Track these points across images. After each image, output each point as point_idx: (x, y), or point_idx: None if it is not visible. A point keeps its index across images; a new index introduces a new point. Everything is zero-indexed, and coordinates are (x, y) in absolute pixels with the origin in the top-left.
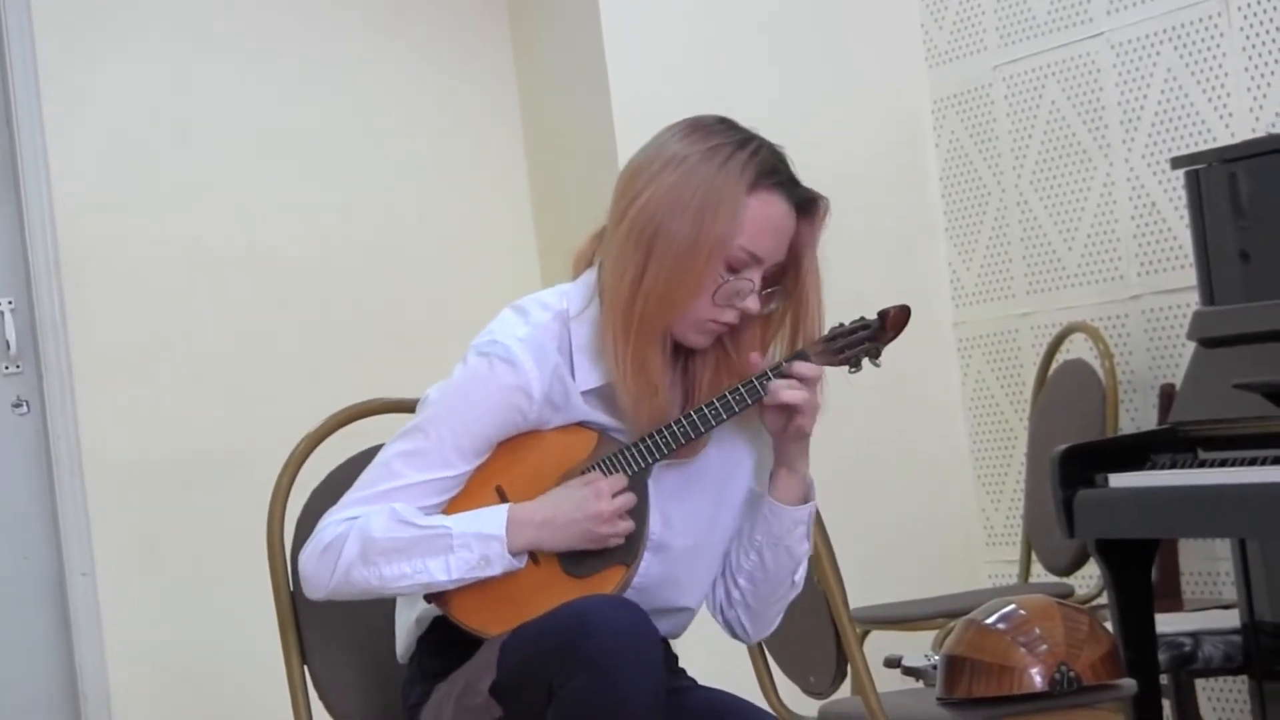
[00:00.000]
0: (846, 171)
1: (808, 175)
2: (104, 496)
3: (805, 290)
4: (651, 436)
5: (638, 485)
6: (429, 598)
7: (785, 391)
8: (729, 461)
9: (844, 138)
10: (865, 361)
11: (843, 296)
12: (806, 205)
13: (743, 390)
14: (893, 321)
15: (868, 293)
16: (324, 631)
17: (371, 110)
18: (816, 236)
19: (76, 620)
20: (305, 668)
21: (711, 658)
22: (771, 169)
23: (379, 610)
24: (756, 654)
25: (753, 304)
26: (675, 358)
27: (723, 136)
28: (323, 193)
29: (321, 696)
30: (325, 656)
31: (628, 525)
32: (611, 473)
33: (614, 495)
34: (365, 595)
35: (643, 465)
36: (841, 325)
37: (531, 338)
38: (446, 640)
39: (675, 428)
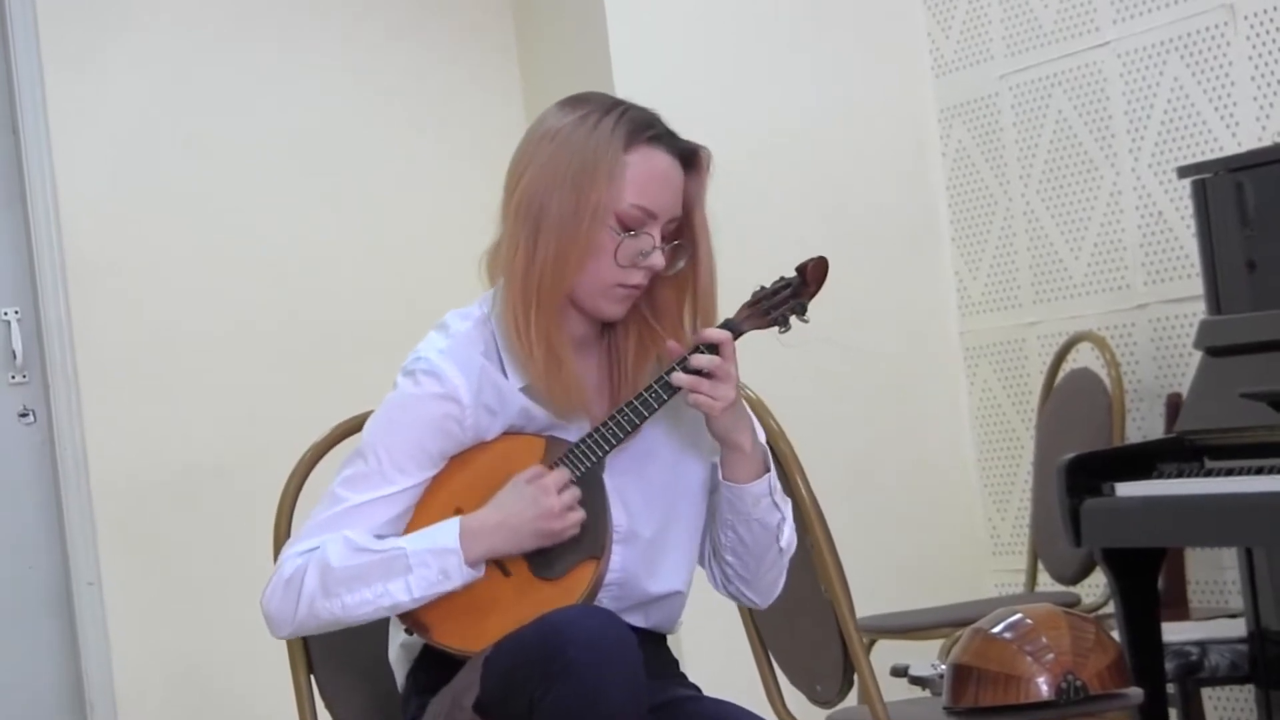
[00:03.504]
0: (853, 180)
1: (814, 182)
2: (110, 505)
3: (697, 246)
4: (597, 430)
5: (593, 480)
6: (409, 629)
7: (698, 360)
8: (680, 436)
9: (850, 147)
10: (793, 320)
11: (848, 302)
12: (688, 157)
13: (677, 368)
14: (812, 274)
15: (873, 301)
16: (330, 641)
17: (380, 120)
18: (703, 188)
19: (83, 630)
20: (311, 677)
21: (717, 666)
22: (645, 124)
23: (384, 620)
24: (763, 662)
25: (657, 260)
26: (601, 336)
27: (593, 104)
28: (328, 201)
29: (328, 706)
30: (331, 665)
31: (579, 515)
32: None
33: (560, 490)
34: (331, 626)
35: (594, 460)
36: (763, 288)
37: (452, 348)
38: (440, 655)
39: (619, 417)
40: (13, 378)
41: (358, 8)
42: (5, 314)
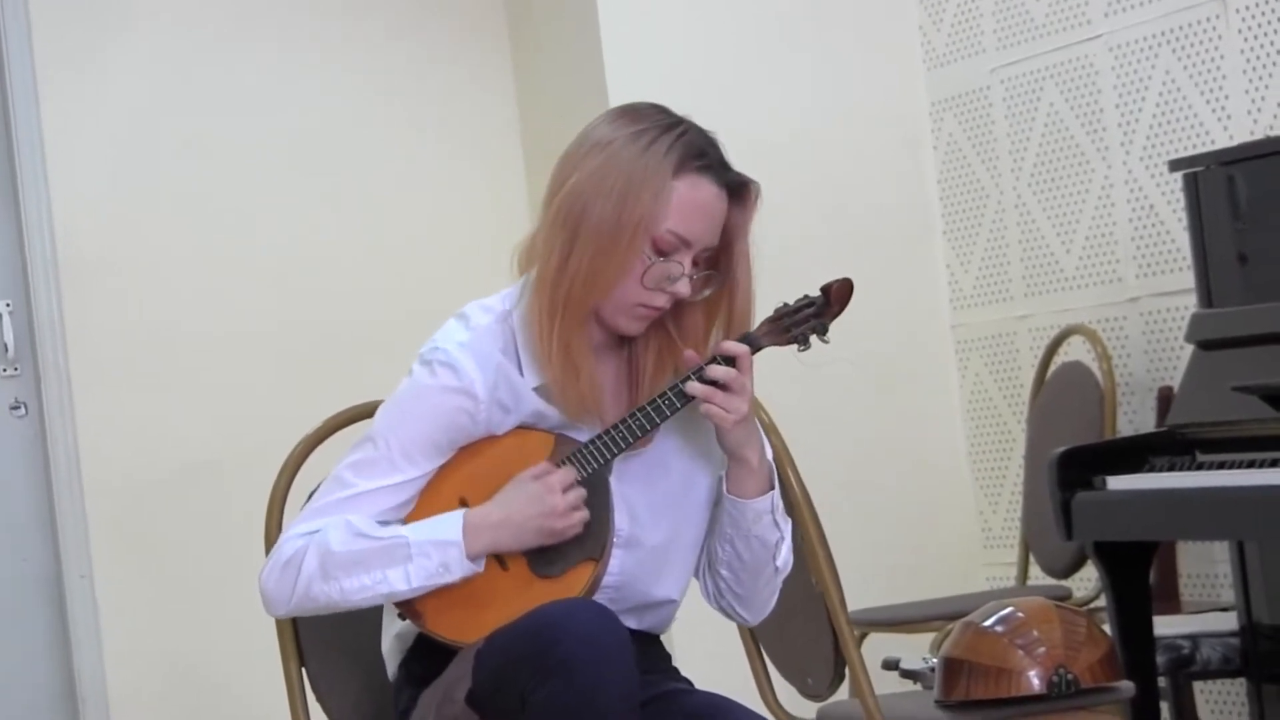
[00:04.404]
0: (844, 174)
1: (805, 177)
2: (102, 499)
3: (735, 277)
4: (608, 432)
5: (598, 482)
6: (404, 615)
7: (713, 370)
8: (691, 449)
9: (842, 140)
10: (814, 339)
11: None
12: (737, 189)
13: (693, 377)
14: (836, 295)
15: (865, 294)
16: (322, 634)
17: (373, 118)
18: (748, 221)
19: (75, 623)
20: (303, 670)
21: (709, 660)
22: (699, 151)
23: (375, 612)
24: (754, 656)
25: (683, 288)
26: (620, 343)
27: (650, 120)
28: (320, 198)
29: (319, 699)
30: (323, 659)
31: (583, 515)
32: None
33: (565, 489)
34: (327, 610)
35: (602, 462)
36: (786, 305)
37: (472, 342)
38: (433, 646)
39: (630, 421)
40: (4, 370)
41: (357, 8)
42: None
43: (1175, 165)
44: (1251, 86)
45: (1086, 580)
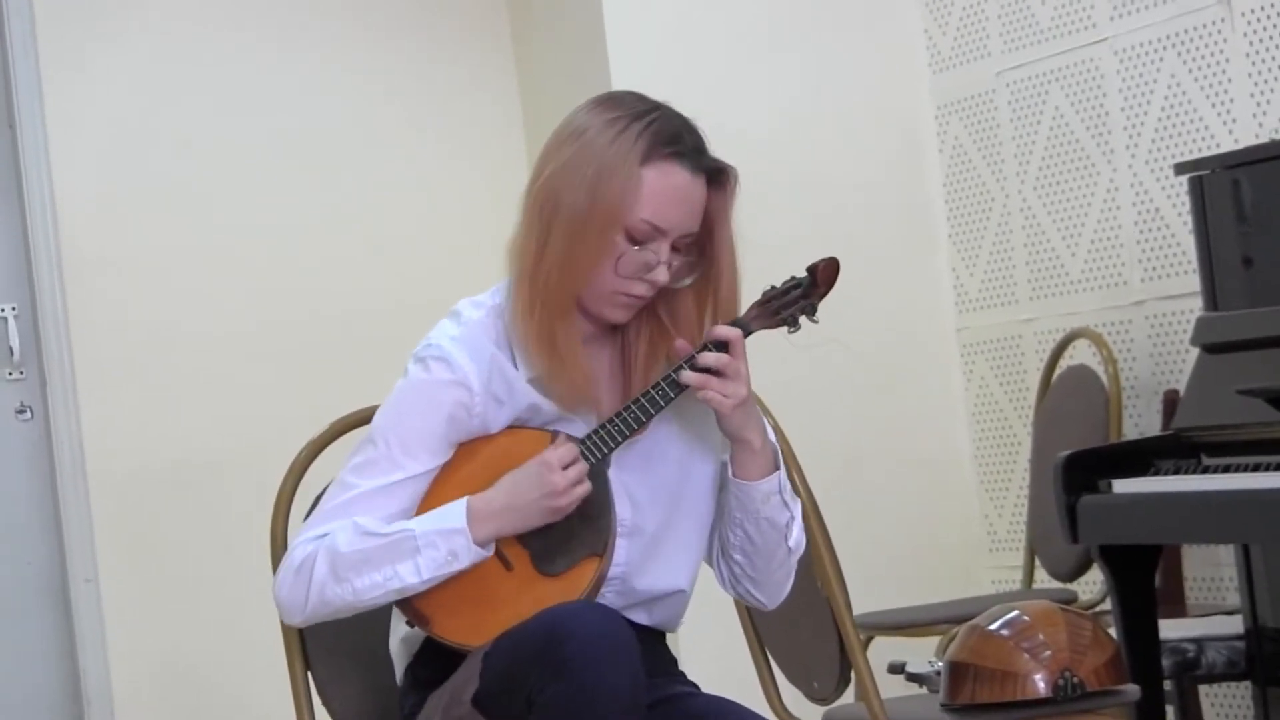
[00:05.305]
0: (849, 177)
1: (810, 179)
2: (107, 501)
3: (719, 262)
4: (603, 426)
5: (598, 476)
6: (410, 621)
7: (706, 358)
8: (689, 435)
9: (847, 143)
10: (803, 320)
11: (844, 299)
12: (715, 175)
13: (686, 366)
14: (823, 275)
15: (869, 297)
16: (327, 637)
17: (374, 118)
18: (728, 207)
19: (80, 626)
20: (309, 673)
21: (715, 663)
22: (670, 138)
23: (381, 614)
24: (760, 659)
25: (661, 275)
26: (613, 335)
27: (625, 108)
28: (324, 197)
29: (325, 702)
30: (328, 661)
31: (584, 488)
32: None
33: (564, 466)
34: (343, 612)
35: (599, 456)
36: (773, 287)
37: (464, 336)
38: (440, 649)
39: (625, 414)
40: (9, 374)
41: (357, 7)
42: (2, 310)
43: (1180, 169)
44: (1257, 90)
45: (1092, 583)
